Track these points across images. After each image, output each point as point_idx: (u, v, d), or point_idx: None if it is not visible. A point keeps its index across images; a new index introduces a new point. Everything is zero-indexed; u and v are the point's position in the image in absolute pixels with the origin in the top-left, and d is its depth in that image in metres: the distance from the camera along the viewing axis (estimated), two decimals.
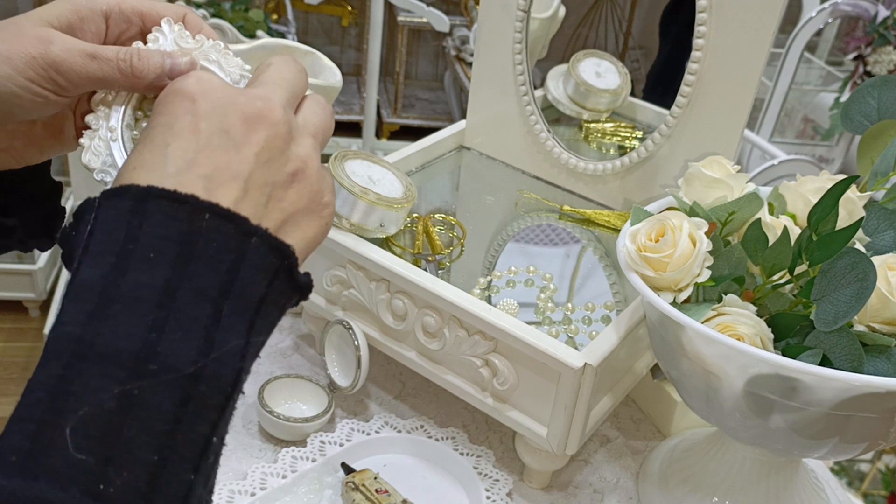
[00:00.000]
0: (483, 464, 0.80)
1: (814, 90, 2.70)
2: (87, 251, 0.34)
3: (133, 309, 0.33)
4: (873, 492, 1.98)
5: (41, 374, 0.32)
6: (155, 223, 0.34)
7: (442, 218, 0.93)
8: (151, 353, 0.32)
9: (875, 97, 0.71)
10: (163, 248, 0.34)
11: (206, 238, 0.34)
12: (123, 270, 0.33)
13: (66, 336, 0.32)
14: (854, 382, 0.56)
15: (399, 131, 3.24)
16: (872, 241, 0.68)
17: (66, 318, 0.33)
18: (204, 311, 0.34)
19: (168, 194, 0.35)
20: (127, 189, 0.35)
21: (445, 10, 2.86)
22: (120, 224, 0.34)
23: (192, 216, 0.35)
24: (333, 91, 0.87)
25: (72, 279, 0.34)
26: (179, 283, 0.33)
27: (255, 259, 0.36)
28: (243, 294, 0.35)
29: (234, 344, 0.34)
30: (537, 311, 0.82)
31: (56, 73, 0.41)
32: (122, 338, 0.32)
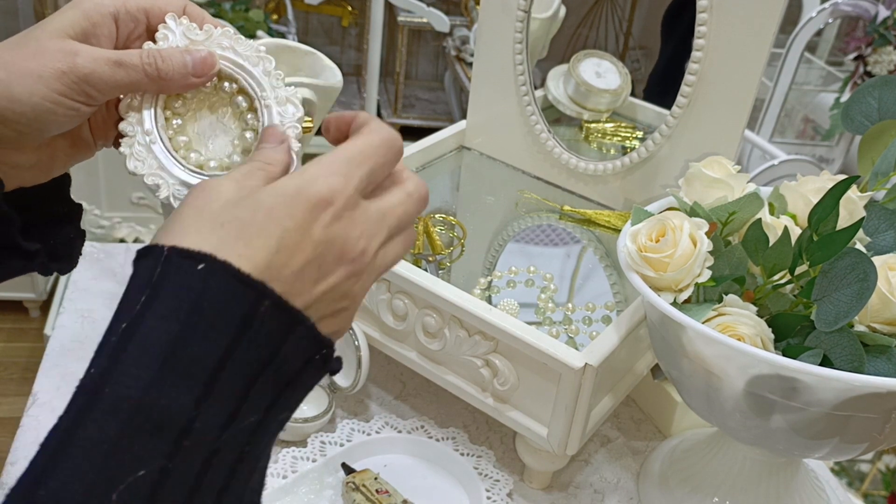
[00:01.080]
0: (483, 464, 0.80)
1: (814, 90, 2.70)
2: (152, 307, 0.35)
3: (188, 381, 0.34)
4: (874, 492, 1.98)
5: (95, 430, 0.32)
6: (224, 300, 0.35)
7: (442, 218, 0.93)
8: (191, 427, 0.33)
9: (875, 97, 0.71)
10: (224, 326, 0.35)
11: (261, 322, 0.36)
12: (186, 341, 0.34)
13: (126, 399, 0.33)
14: (854, 383, 0.56)
15: (399, 131, 3.24)
16: (873, 242, 0.68)
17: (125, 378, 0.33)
18: (239, 388, 0.35)
19: (242, 277, 0.36)
20: (202, 257, 0.36)
21: (445, 10, 2.86)
22: (191, 292, 0.35)
23: (257, 301, 0.36)
24: (334, 91, 0.87)
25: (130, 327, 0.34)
26: (229, 361, 0.35)
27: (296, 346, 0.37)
28: (276, 375, 0.37)
29: (252, 419, 0.36)
30: (538, 311, 0.82)
31: (87, 85, 0.42)
32: (174, 411, 0.33)
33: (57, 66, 0.42)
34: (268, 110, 0.47)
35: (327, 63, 0.88)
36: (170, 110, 0.47)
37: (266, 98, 0.47)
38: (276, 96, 0.47)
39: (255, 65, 0.47)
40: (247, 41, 0.47)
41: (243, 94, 0.47)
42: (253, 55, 0.47)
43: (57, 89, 0.42)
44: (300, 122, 0.47)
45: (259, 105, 0.47)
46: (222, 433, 0.34)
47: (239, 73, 0.47)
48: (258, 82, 0.47)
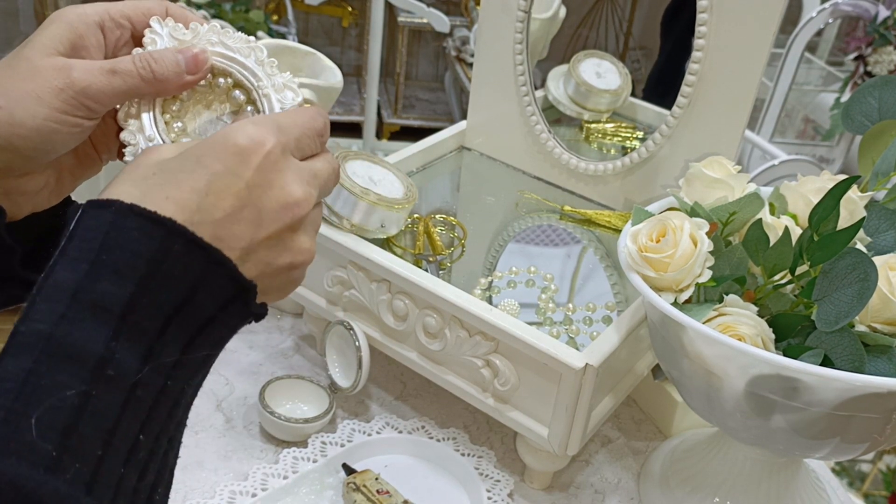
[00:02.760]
0: (484, 464, 0.80)
1: (814, 90, 2.70)
2: (65, 254, 0.36)
3: (99, 316, 0.35)
4: (874, 492, 1.98)
5: (11, 365, 0.34)
6: (130, 239, 0.36)
7: (443, 218, 0.93)
8: (111, 359, 0.35)
9: (876, 97, 0.71)
10: (133, 263, 0.36)
11: (174, 260, 0.37)
12: (94, 278, 0.36)
13: (38, 333, 0.34)
14: (855, 383, 0.56)
15: (399, 132, 3.24)
16: (873, 242, 0.68)
17: (37, 316, 0.35)
18: (155, 325, 0.36)
19: (149, 214, 0.37)
20: (111, 203, 0.37)
21: (446, 10, 2.86)
22: (98, 234, 0.36)
23: (167, 238, 0.37)
24: (334, 92, 0.87)
25: (45, 277, 0.36)
26: (141, 297, 0.36)
27: (214, 287, 0.38)
28: (192, 315, 0.38)
29: (170, 358, 0.37)
30: (538, 311, 0.82)
31: (86, 98, 0.42)
32: (88, 342, 0.34)
33: (53, 84, 0.42)
34: (266, 99, 0.47)
35: (327, 63, 0.88)
36: (168, 114, 0.46)
37: (263, 87, 0.47)
38: (272, 84, 0.47)
39: (246, 56, 0.47)
40: (236, 34, 0.47)
41: (239, 88, 0.47)
42: (244, 47, 0.47)
43: (57, 107, 0.42)
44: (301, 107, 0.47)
45: (257, 95, 0.47)
46: (142, 367, 0.36)
47: (232, 67, 0.47)
48: (252, 72, 0.47)
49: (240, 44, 0.47)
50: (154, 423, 0.36)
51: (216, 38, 0.47)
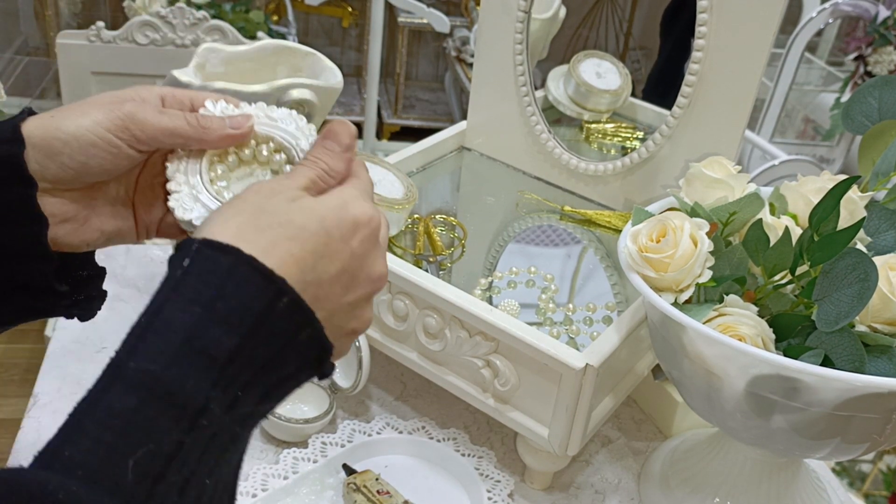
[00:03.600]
0: (484, 465, 0.80)
1: (814, 90, 2.70)
2: (180, 292, 0.38)
3: (206, 365, 0.36)
4: (875, 492, 1.98)
5: (118, 402, 0.35)
6: (245, 292, 0.38)
7: (443, 219, 0.93)
8: (208, 409, 0.36)
9: (876, 97, 0.71)
10: (243, 316, 0.38)
11: (277, 318, 0.39)
12: (206, 325, 0.37)
13: (147, 372, 0.35)
14: (856, 383, 0.56)
15: (399, 132, 3.24)
16: (874, 242, 0.68)
17: (149, 355, 0.36)
18: (245, 377, 0.38)
19: (265, 271, 0.39)
20: (232, 251, 0.39)
21: (446, 10, 2.86)
22: (215, 279, 0.38)
23: (275, 297, 0.39)
24: (334, 92, 0.87)
25: (155, 312, 0.37)
26: (243, 350, 0.37)
27: (301, 346, 0.40)
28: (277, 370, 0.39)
29: (248, 408, 0.39)
30: (538, 311, 0.82)
31: (131, 123, 0.46)
32: (193, 390, 0.36)
33: (106, 107, 0.46)
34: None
35: (327, 64, 0.88)
36: (213, 173, 0.50)
37: (302, 145, 0.50)
38: (311, 144, 0.50)
39: (288, 124, 0.51)
40: (280, 110, 0.52)
41: (280, 152, 0.51)
42: (286, 117, 0.51)
43: (101, 122, 0.45)
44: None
45: (296, 153, 0.50)
46: (224, 417, 0.37)
47: (273, 132, 0.51)
48: (293, 135, 0.51)
49: (282, 115, 0.51)
50: (220, 469, 0.38)
51: (262, 112, 0.51)
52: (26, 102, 2.46)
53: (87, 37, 1.63)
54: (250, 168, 0.51)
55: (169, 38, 1.68)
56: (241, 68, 0.86)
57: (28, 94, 2.50)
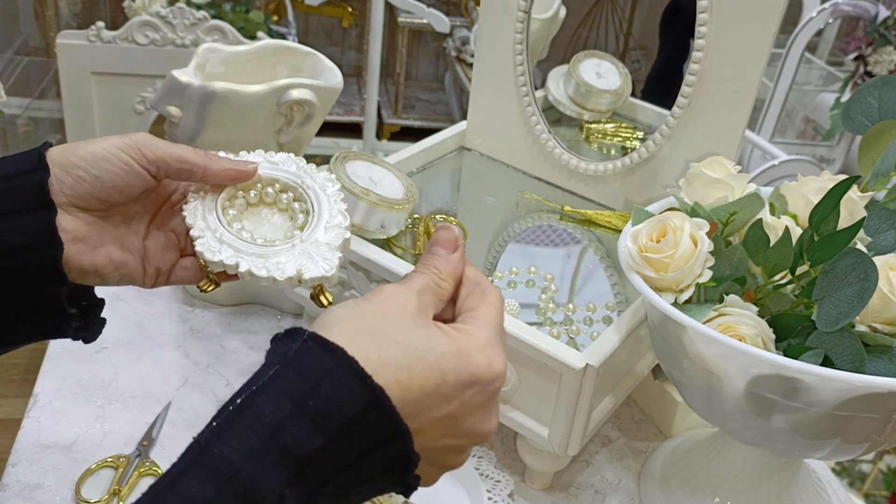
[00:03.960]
0: (484, 465, 0.80)
1: (814, 90, 2.70)
2: (275, 383, 0.38)
3: (284, 462, 0.37)
4: (875, 492, 1.98)
5: (196, 487, 0.36)
6: (339, 395, 0.38)
7: (443, 219, 0.93)
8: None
9: (876, 97, 0.71)
10: (333, 419, 0.38)
11: (367, 426, 0.38)
12: (294, 422, 0.37)
13: (228, 463, 0.36)
14: (856, 383, 0.56)
15: (399, 132, 3.24)
16: (874, 242, 0.68)
17: (233, 443, 0.37)
18: (325, 477, 0.38)
19: (364, 377, 0.38)
20: (336, 350, 0.39)
21: (446, 10, 2.86)
22: (313, 377, 0.38)
23: (370, 405, 0.38)
24: (334, 92, 0.87)
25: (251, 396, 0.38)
26: (325, 451, 0.37)
27: (385, 456, 0.40)
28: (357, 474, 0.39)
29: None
30: (538, 311, 0.82)
31: (142, 145, 0.50)
32: (266, 487, 0.36)
33: (124, 137, 0.50)
34: (311, 191, 0.55)
35: (327, 64, 0.88)
36: (228, 216, 0.54)
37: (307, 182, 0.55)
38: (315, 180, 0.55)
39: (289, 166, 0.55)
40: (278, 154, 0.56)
41: (286, 192, 0.55)
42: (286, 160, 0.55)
43: (116, 144, 0.50)
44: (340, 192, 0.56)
45: (303, 190, 0.55)
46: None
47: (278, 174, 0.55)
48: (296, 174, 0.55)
49: (282, 158, 0.56)
50: None
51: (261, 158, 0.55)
52: (26, 103, 2.46)
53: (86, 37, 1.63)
54: (259, 210, 0.55)
55: (169, 39, 1.68)
56: (241, 68, 0.86)
57: (28, 95, 2.50)
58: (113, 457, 0.76)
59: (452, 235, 0.48)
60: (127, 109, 1.66)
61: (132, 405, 0.83)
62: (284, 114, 0.83)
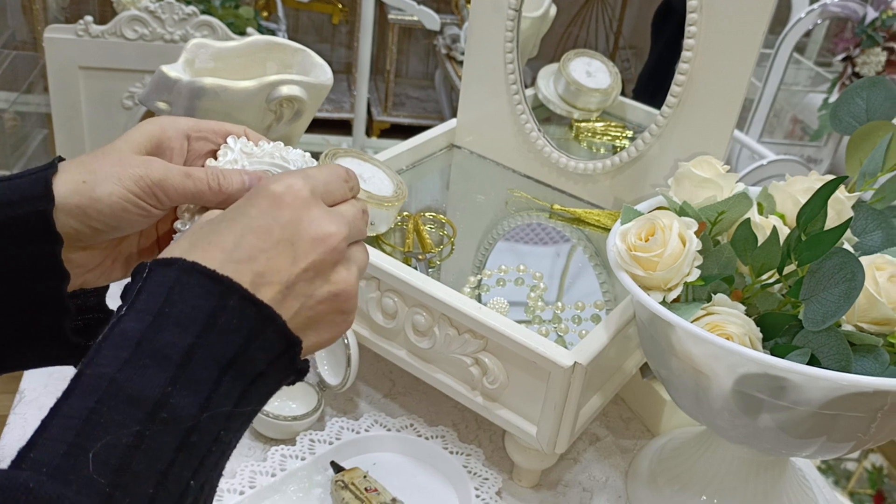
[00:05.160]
0: (473, 462, 0.80)
1: (803, 91, 2.71)
2: (133, 307, 0.40)
3: (159, 363, 0.38)
4: (860, 490, 2.00)
5: (77, 403, 0.37)
6: (192, 294, 0.40)
7: (432, 216, 0.93)
8: (166, 403, 0.38)
9: (864, 98, 0.72)
10: (193, 316, 0.40)
11: (230, 315, 0.40)
12: (158, 329, 0.39)
13: (102, 376, 0.38)
14: (842, 382, 0.56)
15: (389, 129, 3.24)
16: (861, 242, 0.68)
17: (103, 361, 0.38)
18: (211, 375, 0.39)
19: (209, 273, 0.41)
20: (175, 261, 0.41)
21: (436, 8, 2.85)
22: (164, 289, 0.40)
23: (224, 295, 0.41)
24: (324, 89, 0.87)
25: (113, 326, 0.40)
26: (199, 348, 0.39)
27: (265, 342, 0.42)
28: (245, 367, 0.41)
29: (225, 408, 0.40)
30: (527, 309, 0.82)
31: (158, 189, 0.48)
32: (147, 386, 0.38)
33: (135, 171, 0.47)
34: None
35: (317, 60, 0.88)
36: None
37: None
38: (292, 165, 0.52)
39: (300, 166, 0.53)
40: (296, 151, 0.54)
41: None
42: (299, 159, 0.53)
43: (132, 190, 0.47)
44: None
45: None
46: (199, 416, 0.38)
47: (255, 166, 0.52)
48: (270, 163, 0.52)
49: (296, 156, 0.53)
50: (205, 469, 0.39)
51: (278, 153, 0.53)
52: (13, 97, 2.44)
53: (74, 31, 1.62)
54: None
55: (158, 34, 1.67)
56: (230, 64, 0.86)
57: (15, 89, 2.48)
58: None
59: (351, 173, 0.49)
60: (115, 104, 1.65)
61: None
62: (274, 110, 0.82)
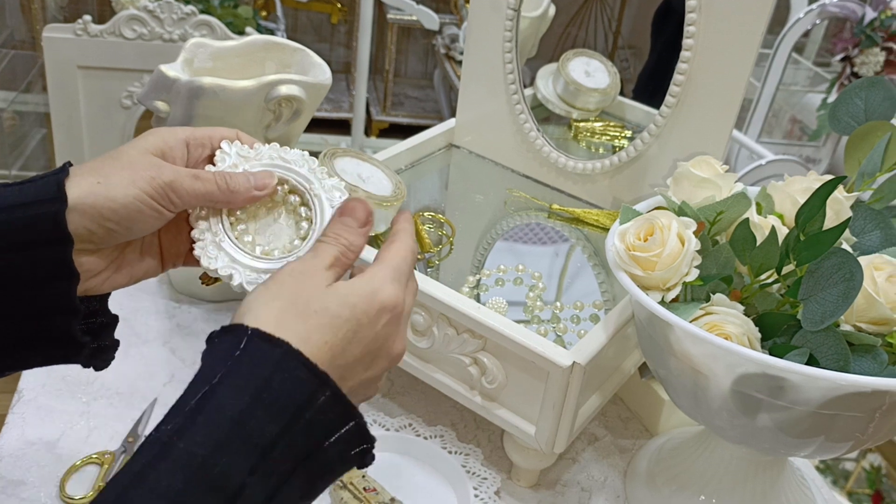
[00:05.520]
0: (471, 462, 0.80)
1: (801, 91, 2.71)
2: (231, 380, 0.41)
3: (248, 450, 0.39)
4: (858, 490, 2.00)
5: (165, 480, 0.37)
6: (290, 386, 0.41)
7: (431, 216, 0.93)
8: (243, 493, 0.38)
9: (862, 98, 0.72)
10: (287, 406, 0.40)
11: (319, 410, 0.42)
12: (252, 413, 0.40)
13: (194, 456, 0.38)
14: (840, 382, 0.56)
15: (388, 129, 3.24)
16: (859, 242, 0.68)
17: (198, 438, 0.39)
18: (287, 467, 0.40)
19: (310, 365, 0.42)
20: (282, 344, 0.42)
21: (435, 8, 2.85)
22: (265, 371, 0.41)
23: (317, 389, 0.42)
24: (322, 88, 0.87)
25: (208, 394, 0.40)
26: (283, 438, 0.40)
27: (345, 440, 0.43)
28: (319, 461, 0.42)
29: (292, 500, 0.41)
30: (526, 309, 0.82)
31: (170, 190, 0.49)
32: (230, 475, 0.38)
33: (147, 173, 0.49)
34: (317, 199, 0.54)
35: (316, 60, 0.88)
36: (233, 217, 0.53)
37: (314, 189, 0.54)
38: (323, 187, 0.54)
39: (300, 166, 0.54)
40: (293, 151, 0.55)
41: (294, 194, 0.54)
42: (298, 159, 0.55)
43: (146, 191, 0.49)
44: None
45: (310, 197, 0.54)
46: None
47: (288, 175, 0.54)
48: (306, 178, 0.54)
49: (295, 157, 0.55)
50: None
51: (276, 153, 0.54)
52: (12, 96, 2.44)
53: (73, 30, 1.62)
54: (266, 206, 0.55)
55: (157, 33, 1.67)
56: (229, 64, 0.86)
57: (14, 88, 2.48)
58: (98, 453, 0.76)
59: (367, 210, 0.51)
60: (114, 104, 1.65)
61: (118, 401, 0.82)
62: (273, 110, 0.82)
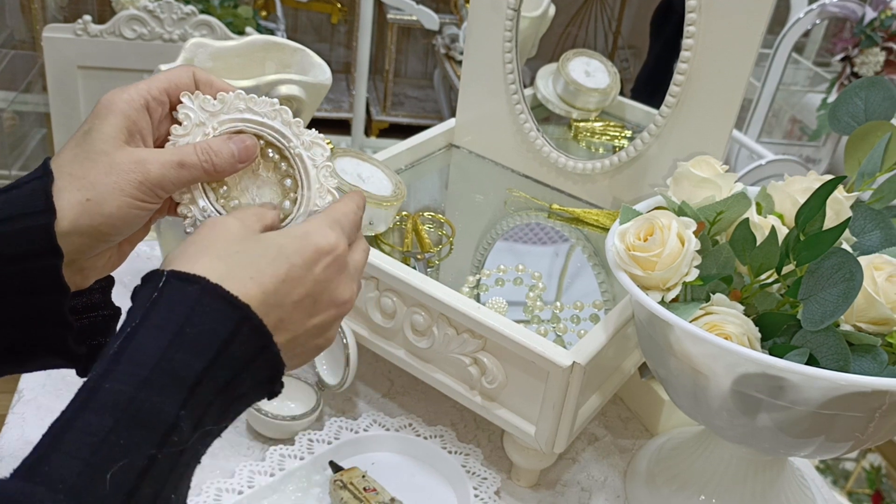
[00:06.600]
0: (471, 462, 0.80)
1: (801, 91, 2.71)
2: (149, 320, 0.41)
3: (176, 386, 0.39)
4: (858, 490, 2.00)
5: (94, 421, 0.37)
6: (211, 318, 0.41)
7: (431, 216, 0.93)
8: (178, 427, 0.38)
9: (862, 98, 0.72)
10: (210, 341, 0.41)
11: (239, 343, 0.42)
12: (176, 349, 0.40)
13: (121, 393, 0.38)
14: (840, 382, 0.56)
15: (388, 129, 3.24)
16: (859, 242, 0.68)
17: (122, 377, 0.39)
18: (209, 398, 0.40)
19: (230, 298, 0.42)
20: (198, 280, 0.42)
21: (435, 8, 2.85)
22: (184, 308, 0.41)
23: (240, 322, 0.42)
24: (322, 88, 0.87)
25: (128, 336, 0.40)
26: (209, 373, 0.40)
27: (259, 369, 0.43)
28: (234, 389, 0.42)
29: (210, 427, 0.41)
30: (526, 309, 0.82)
31: (160, 189, 0.48)
32: (163, 410, 0.38)
33: (133, 177, 0.47)
34: (299, 158, 0.52)
35: (316, 60, 0.88)
36: (215, 181, 0.52)
37: (294, 147, 0.52)
38: (301, 142, 0.52)
39: (273, 119, 0.51)
40: (260, 99, 0.51)
41: (271, 148, 0.52)
42: (270, 111, 0.51)
43: (137, 196, 0.48)
44: (330, 161, 0.53)
45: (289, 154, 0.52)
46: (192, 436, 0.40)
47: (263, 130, 0.51)
48: (282, 133, 0.51)
49: (266, 108, 0.51)
50: (183, 484, 0.40)
51: (243, 105, 0.51)
52: (12, 96, 2.44)
53: (73, 30, 1.62)
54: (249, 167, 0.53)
55: (156, 33, 1.68)
56: (229, 63, 0.86)
57: (14, 88, 2.48)
58: None
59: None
60: None
61: None
62: None
